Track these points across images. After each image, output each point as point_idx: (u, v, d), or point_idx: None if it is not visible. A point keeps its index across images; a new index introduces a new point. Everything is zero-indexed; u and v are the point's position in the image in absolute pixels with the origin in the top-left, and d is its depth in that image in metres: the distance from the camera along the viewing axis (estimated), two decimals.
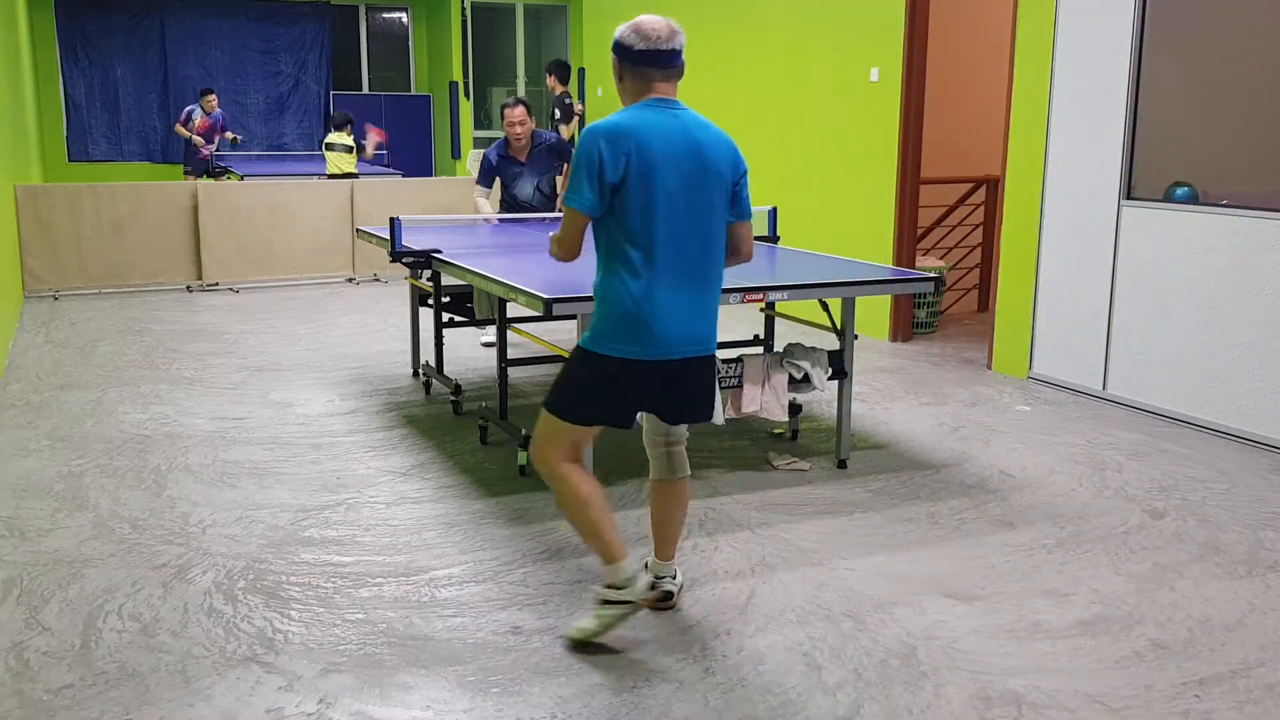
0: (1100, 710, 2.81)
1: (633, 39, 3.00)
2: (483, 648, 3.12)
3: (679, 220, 2.97)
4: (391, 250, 5.26)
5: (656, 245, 2.95)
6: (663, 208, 2.94)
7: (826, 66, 7.86)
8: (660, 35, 2.98)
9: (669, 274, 2.97)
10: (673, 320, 2.98)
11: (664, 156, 2.93)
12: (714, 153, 3.01)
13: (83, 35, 14.34)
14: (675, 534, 3.37)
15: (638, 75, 3.03)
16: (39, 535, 3.93)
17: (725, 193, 3.06)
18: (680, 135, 2.97)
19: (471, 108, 14.97)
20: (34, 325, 7.83)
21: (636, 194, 2.92)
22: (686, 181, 2.96)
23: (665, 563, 3.38)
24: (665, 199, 2.94)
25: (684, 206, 2.97)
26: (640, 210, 2.93)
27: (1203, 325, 5.34)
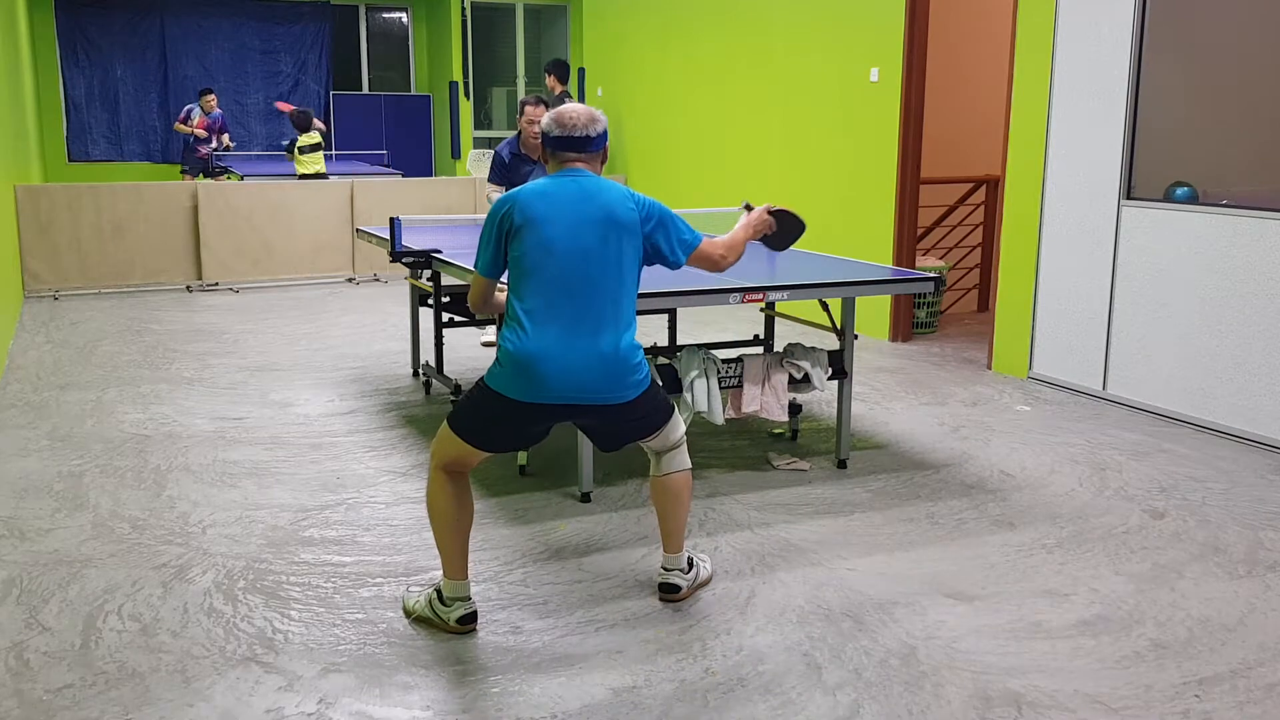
0: (1100, 710, 2.81)
1: (550, 126, 3.23)
2: (483, 648, 3.12)
3: (568, 272, 3.07)
4: (391, 250, 5.26)
5: (545, 296, 3.07)
6: (550, 261, 3.07)
7: (826, 66, 7.86)
8: (577, 123, 3.21)
9: (557, 323, 3.06)
10: (560, 366, 3.05)
11: (552, 214, 3.10)
12: (611, 207, 3.15)
13: (83, 35, 14.33)
14: (675, 528, 3.40)
15: (554, 157, 3.26)
16: (39, 535, 3.93)
17: (631, 244, 3.17)
18: (575, 194, 3.14)
19: (471, 108, 14.97)
20: (34, 325, 7.83)
21: (523, 248, 3.09)
22: (578, 237, 3.09)
23: (673, 555, 3.42)
24: (551, 253, 3.07)
25: (576, 260, 3.08)
26: (527, 264, 3.08)
27: (1203, 325, 5.34)
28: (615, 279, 3.14)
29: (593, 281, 3.09)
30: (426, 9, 15.86)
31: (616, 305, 3.14)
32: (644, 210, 3.22)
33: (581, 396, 3.09)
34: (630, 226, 3.16)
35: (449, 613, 3.20)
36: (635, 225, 3.18)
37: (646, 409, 3.24)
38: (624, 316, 3.16)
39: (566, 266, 3.07)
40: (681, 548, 3.42)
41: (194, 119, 12.68)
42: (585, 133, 3.22)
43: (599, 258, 3.10)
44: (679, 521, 3.40)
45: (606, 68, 11.58)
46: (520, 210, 3.11)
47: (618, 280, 3.14)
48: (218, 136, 12.80)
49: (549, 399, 3.06)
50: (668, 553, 3.43)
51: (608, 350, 3.09)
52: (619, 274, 3.14)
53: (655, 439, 3.31)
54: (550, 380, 3.04)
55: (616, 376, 3.12)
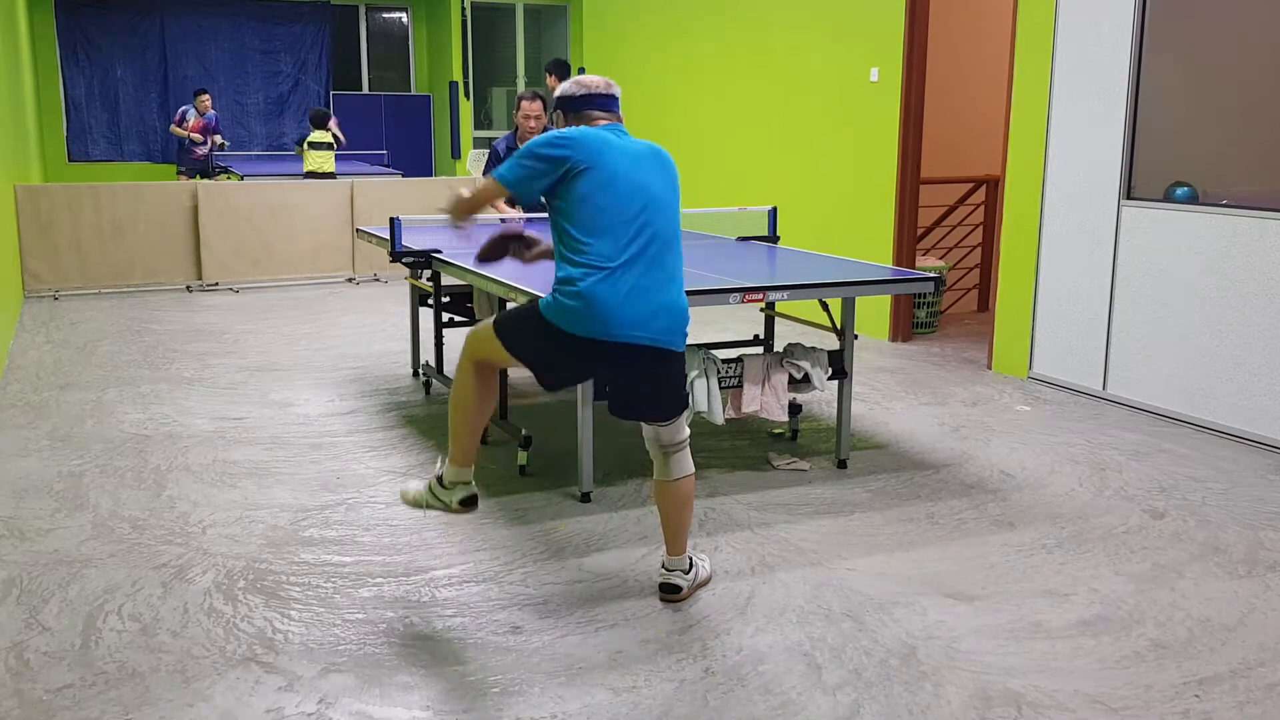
0: (1100, 710, 2.81)
1: (571, 89, 3.37)
2: (483, 648, 3.12)
3: (641, 217, 3.18)
4: (391, 250, 5.26)
5: (618, 239, 3.15)
6: (622, 205, 3.17)
7: (826, 66, 7.86)
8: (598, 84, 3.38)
9: (634, 268, 3.16)
10: (634, 308, 3.14)
11: (621, 162, 3.21)
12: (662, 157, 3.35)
13: (83, 35, 14.33)
14: (680, 532, 3.43)
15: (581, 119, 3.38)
16: (39, 535, 3.93)
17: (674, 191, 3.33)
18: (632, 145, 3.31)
19: (471, 108, 14.97)
20: (34, 325, 7.83)
21: (589, 189, 3.16)
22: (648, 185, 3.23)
23: (675, 558, 3.44)
24: (623, 197, 3.17)
25: (647, 206, 3.20)
26: (594, 206, 3.16)
27: (1203, 325, 5.34)
28: (676, 226, 3.27)
29: (662, 228, 3.20)
30: (426, 9, 15.86)
31: (678, 253, 3.27)
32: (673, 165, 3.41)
33: (644, 337, 3.15)
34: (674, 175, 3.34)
35: (450, 495, 3.35)
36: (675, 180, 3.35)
37: (680, 374, 3.35)
38: (681, 264, 3.29)
39: (639, 212, 3.16)
40: (685, 550, 3.45)
41: (189, 120, 12.67)
42: (610, 92, 3.39)
43: (666, 205, 3.23)
44: (684, 524, 3.42)
45: (606, 68, 11.57)
46: (588, 152, 3.17)
47: (677, 227, 3.28)
48: (211, 138, 12.78)
49: (612, 337, 3.13)
50: (671, 554, 3.44)
51: (675, 296, 3.22)
52: (677, 229, 3.28)
53: (670, 426, 3.34)
54: (621, 319, 3.11)
55: (678, 323, 3.23)
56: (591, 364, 3.29)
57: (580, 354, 3.20)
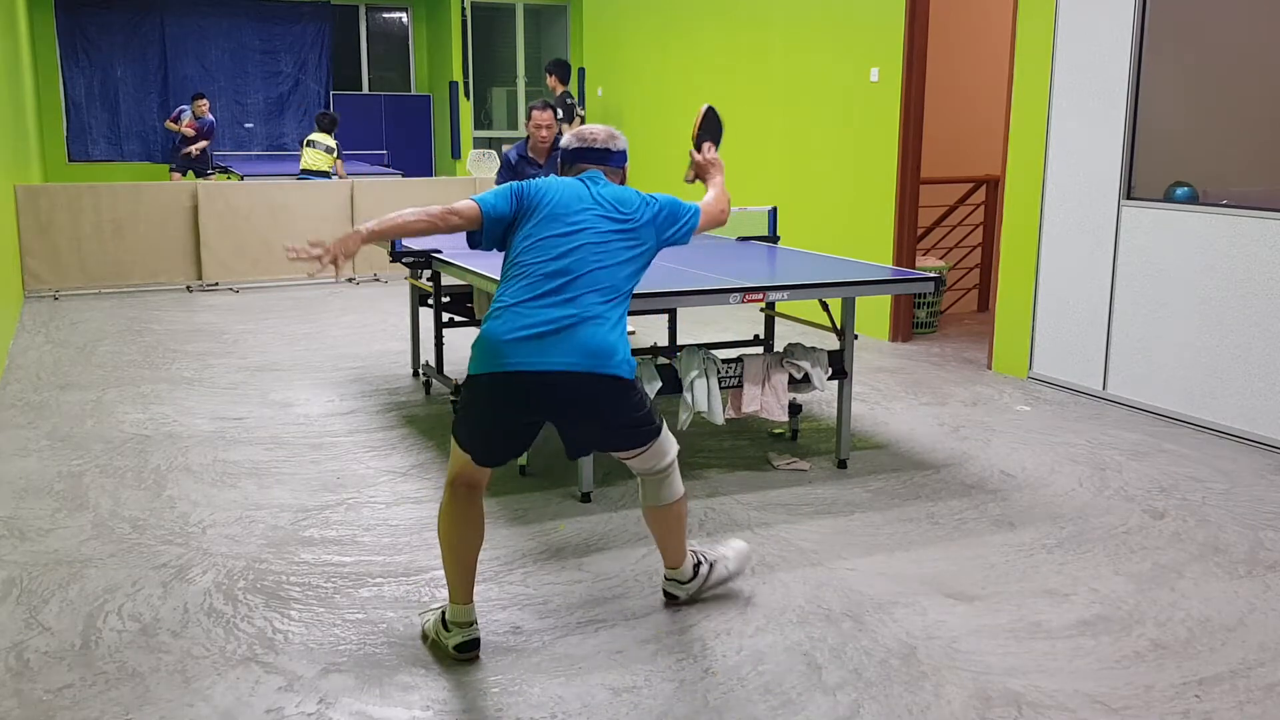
0: (1100, 710, 2.81)
1: (569, 141, 3.35)
2: (483, 648, 3.11)
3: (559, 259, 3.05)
4: (391, 250, 5.26)
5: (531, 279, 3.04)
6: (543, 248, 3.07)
7: (826, 66, 7.86)
8: (597, 138, 3.33)
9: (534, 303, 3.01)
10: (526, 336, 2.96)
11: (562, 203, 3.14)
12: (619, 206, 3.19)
13: (83, 35, 14.33)
14: (669, 546, 3.34)
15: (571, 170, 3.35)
16: (39, 535, 3.93)
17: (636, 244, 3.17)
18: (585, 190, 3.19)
19: (471, 108, 14.97)
20: (34, 325, 7.83)
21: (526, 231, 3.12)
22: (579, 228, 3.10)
23: (673, 569, 3.38)
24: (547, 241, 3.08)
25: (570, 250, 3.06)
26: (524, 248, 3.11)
27: (1203, 325, 5.34)
28: (607, 274, 3.07)
29: (582, 271, 3.03)
30: (426, 9, 15.86)
31: (602, 298, 3.04)
32: (654, 209, 3.26)
33: (549, 363, 2.93)
34: (638, 227, 3.19)
35: (450, 638, 3.08)
36: (646, 225, 3.22)
37: (629, 410, 3.08)
38: (608, 312, 3.05)
39: (559, 255, 3.04)
40: (680, 562, 3.36)
41: (184, 120, 12.65)
42: (605, 146, 3.33)
43: (594, 249, 3.07)
44: (674, 542, 3.33)
45: (606, 68, 11.58)
46: (540, 193, 3.16)
47: (610, 276, 3.07)
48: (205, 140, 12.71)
49: (514, 366, 2.93)
50: (668, 567, 3.40)
51: (584, 332, 2.97)
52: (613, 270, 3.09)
53: (639, 456, 3.15)
54: (516, 347, 2.93)
55: (589, 350, 2.96)
56: (523, 406, 3.02)
57: (508, 400, 3.00)
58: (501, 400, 3.01)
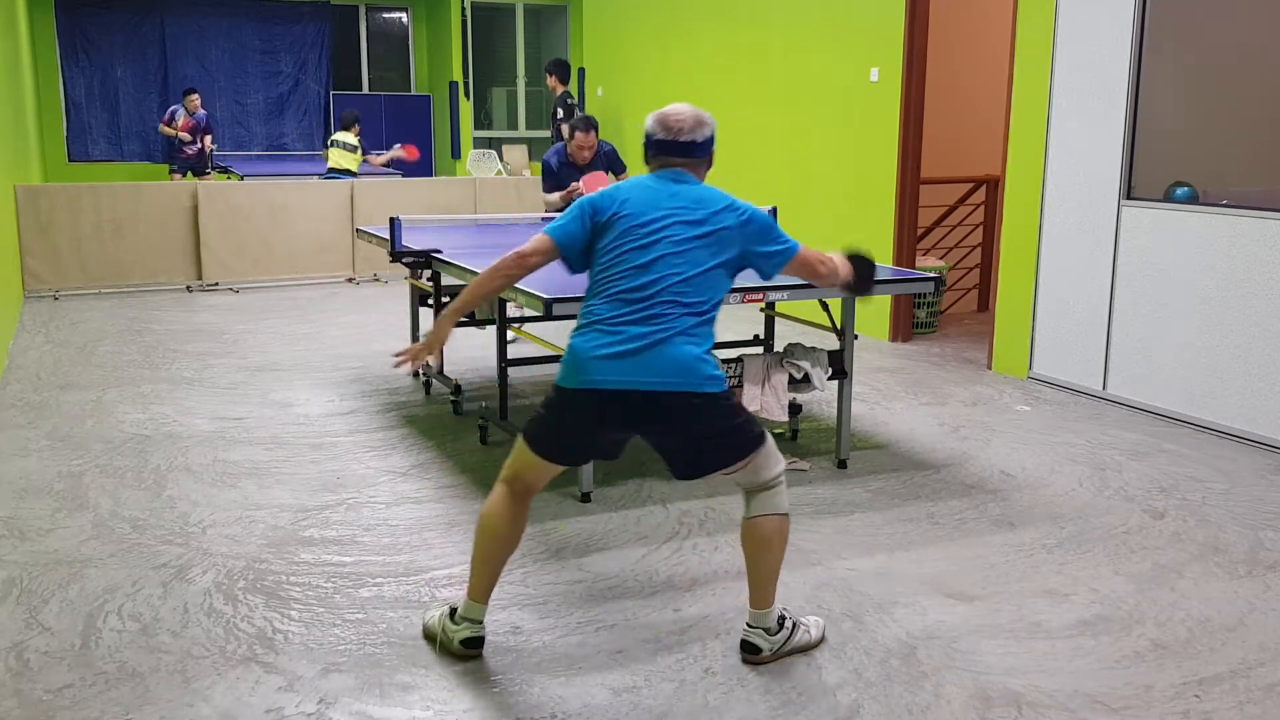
0: (1100, 710, 2.81)
1: (653, 128, 3.15)
2: (483, 647, 3.11)
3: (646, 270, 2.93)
4: (391, 250, 5.26)
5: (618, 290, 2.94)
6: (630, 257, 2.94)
7: (826, 66, 7.86)
8: (682, 127, 3.09)
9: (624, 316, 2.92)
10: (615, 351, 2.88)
11: (644, 210, 2.99)
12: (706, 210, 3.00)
13: (83, 35, 14.33)
14: (761, 580, 3.05)
15: (655, 160, 3.16)
16: (39, 535, 3.93)
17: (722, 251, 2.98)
18: (670, 193, 3.02)
19: (471, 108, 14.97)
20: (34, 325, 7.83)
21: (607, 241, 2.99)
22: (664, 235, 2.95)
23: (758, 611, 3.06)
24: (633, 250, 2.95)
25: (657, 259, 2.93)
26: (609, 257, 2.98)
27: (1203, 325, 5.34)
28: (691, 285, 2.93)
29: (665, 284, 2.90)
30: (426, 9, 15.86)
31: (687, 310, 2.92)
32: (741, 216, 3.02)
33: (635, 382, 2.85)
34: (719, 230, 2.98)
35: (456, 632, 3.05)
36: (731, 230, 2.99)
37: (722, 422, 2.94)
38: (694, 326, 2.93)
39: (639, 266, 2.91)
40: (769, 603, 3.05)
41: (178, 119, 12.63)
42: (690, 138, 3.09)
43: (675, 259, 2.92)
44: (765, 573, 3.04)
45: (606, 68, 11.58)
46: (614, 202, 3.01)
47: (694, 286, 2.93)
48: (201, 137, 12.70)
49: (600, 384, 2.86)
50: (752, 607, 3.07)
51: (670, 349, 2.87)
52: (697, 282, 2.94)
53: (740, 470, 2.98)
54: (602, 365, 2.86)
55: (675, 368, 2.86)
56: (610, 421, 2.94)
57: (593, 414, 2.92)
58: (589, 416, 2.93)
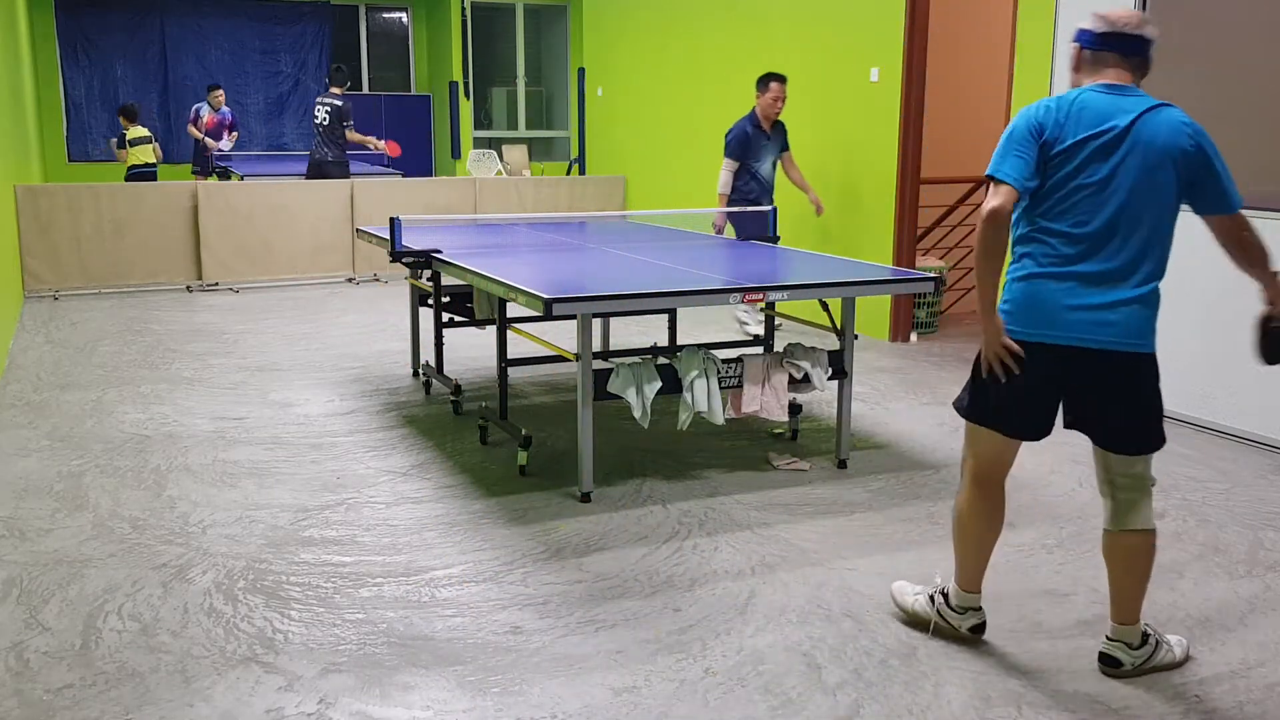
0: (1100, 710, 2.81)
1: (1094, 23, 2.90)
2: (483, 648, 3.12)
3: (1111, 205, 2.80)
4: (391, 250, 5.26)
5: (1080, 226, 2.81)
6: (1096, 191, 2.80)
7: (826, 66, 7.86)
8: (1129, 22, 2.86)
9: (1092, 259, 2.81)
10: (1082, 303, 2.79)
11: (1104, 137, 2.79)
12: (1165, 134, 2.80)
13: (83, 35, 14.33)
14: (1125, 595, 2.95)
15: (1085, 59, 2.92)
16: (39, 535, 3.93)
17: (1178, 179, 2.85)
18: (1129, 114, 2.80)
19: (471, 108, 14.97)
20: (34, 325, 7.83)
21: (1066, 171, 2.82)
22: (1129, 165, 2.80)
23: (1123, 627, 2.96)
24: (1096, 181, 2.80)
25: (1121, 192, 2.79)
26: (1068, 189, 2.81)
27: (1203, 325, 5.34)
28: (1156, 218, 2.83)
29: (1136, 218, 2.79)
30: (426, 9, 15.86)
31: (1154, 248, 2.84)
32: (1196, 142, 2.84)
33: (1097, 339, 2.76)
34: (1181, 160, 2.82)
35: (961, 620, 3.13)
36: (1188, 159, 2.83)
37: (1150, 390, 2.87)
38: (1159, 262, 2.87)
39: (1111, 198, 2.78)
40: (1135, 619, 2.94)
41: (204, 117, 12.67)
42: (1139, 32, 2.85)
43: (1147, 192, 2.80)
44: (1131, 591, 2.94)
45: (606, 68, 11.58)
46: (1072, 126, 2.79)
47: (1158, 220, 2.84)
48: (228, 134, 12.78)
49: (1063, 338, 2.78)
50: (1116, 621, 2.97)
51: (1135, 293, 2.79)
52: (1160, 213, 2.84)
53: (1139, 460, 2.87)
54: (1068, 315, 2.76)
55: (1137, 320, 2.79)
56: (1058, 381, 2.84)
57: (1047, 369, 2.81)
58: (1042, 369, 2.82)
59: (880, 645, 3.14)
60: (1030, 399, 2.89)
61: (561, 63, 15.48)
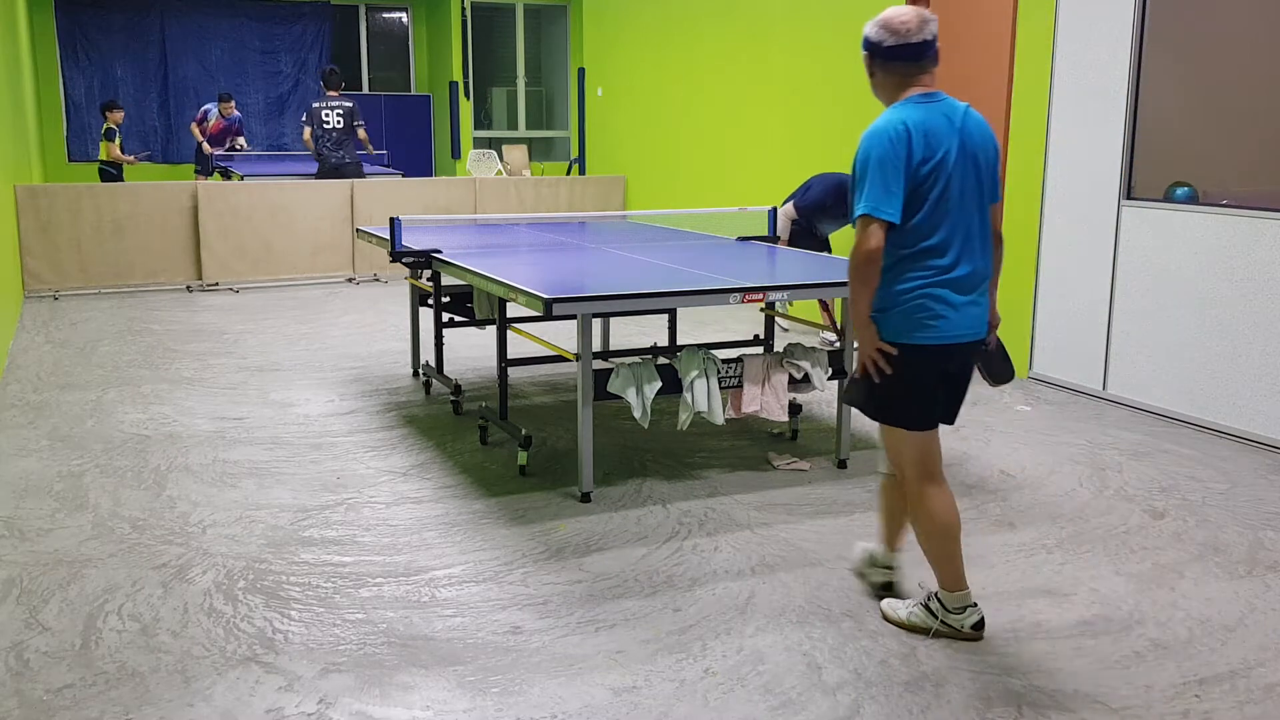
0: (1100, 710, 2.81)
1: (880, 35, 3.02)
2: (483, 648, 3.12)
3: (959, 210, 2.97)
4: (391, 250, 5.26)
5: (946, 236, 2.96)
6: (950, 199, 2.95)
7: (826, 67, 7.86)
8: (910, 28, 2.99)
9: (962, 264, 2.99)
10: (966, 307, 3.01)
11: (948, 151, 2.94)
12: (978, 139, 3.02)
13: (83, 35, 14.33)
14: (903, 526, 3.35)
15: (890, 71, 3.07)
16: (39, 535, 3.93)
17: (989, 176, 3.05)
18: (953, 126, 2.99)
19: (471, 108, 14.97)
20: (34, 325, 7.83)
21: (928, 189, 2.93)
22: (965, 174, 2.98)
23: (896, 554, 3.43)
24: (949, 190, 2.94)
25: (961, 195, 2.97)
26: (932, 204, 2.94)
27: (1202, 325, 5.34)
28: (983, 212, 3.04)
29: (978, 219, 3.01)
30: (426, 9, 15.86)
31: (987, 238, 3.07)
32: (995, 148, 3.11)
33: (977, 333, 3.06)
34: (994, 155, 3.07)
35: (963, 620, 3.15)
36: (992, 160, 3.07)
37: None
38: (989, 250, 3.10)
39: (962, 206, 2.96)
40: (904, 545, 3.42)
41: (210, 120, 12.69)
42: (923, 37, 3.01)
43: (976, 192, 3.01)
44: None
45: (606, 68, 11.58)
46: (924, 144, 2.93)
47: (983, 212, 3.05)
48: (233, 138, 12.80)
49: (960, 339, 3.01)
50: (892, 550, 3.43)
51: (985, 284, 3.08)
52: (984, 206, 3.05)
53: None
54: (961, 319, 2.99)
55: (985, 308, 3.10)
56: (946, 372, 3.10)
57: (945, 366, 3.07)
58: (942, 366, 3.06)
59: (880, 645, 3.14)
60: (932, 393, 3.10)
61: (561, 63, 15.48)
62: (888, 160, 2.88)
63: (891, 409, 3.10)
